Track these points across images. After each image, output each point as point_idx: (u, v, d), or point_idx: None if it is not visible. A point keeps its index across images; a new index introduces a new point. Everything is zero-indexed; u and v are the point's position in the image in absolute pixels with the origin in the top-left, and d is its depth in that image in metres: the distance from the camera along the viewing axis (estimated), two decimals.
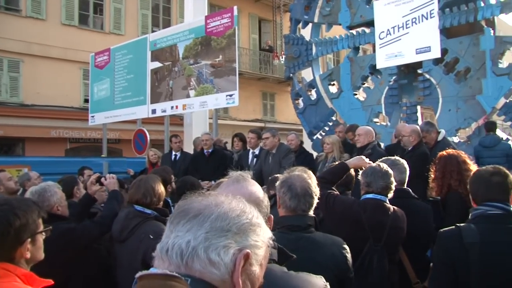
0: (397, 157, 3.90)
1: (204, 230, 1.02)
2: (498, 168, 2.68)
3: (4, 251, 1.97)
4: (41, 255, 2.15)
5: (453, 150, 4.16)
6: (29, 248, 2.05)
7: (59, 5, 16.97)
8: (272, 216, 1.83)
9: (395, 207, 3.31)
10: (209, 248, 1.00)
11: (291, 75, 11.97)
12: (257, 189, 1.88)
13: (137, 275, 1.05)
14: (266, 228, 1.13)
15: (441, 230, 2.59)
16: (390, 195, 3.33)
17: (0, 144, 15.54)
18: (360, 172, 3.50)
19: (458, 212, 3.72)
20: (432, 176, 4.12)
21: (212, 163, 7.66)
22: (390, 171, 3.36)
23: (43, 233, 2.18)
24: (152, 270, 1.03)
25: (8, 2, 16.15)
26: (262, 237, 1.10)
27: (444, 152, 4.18)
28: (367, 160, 3.74)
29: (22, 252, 2.02)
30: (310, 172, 2.76)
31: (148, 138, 10.15)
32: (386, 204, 3.28)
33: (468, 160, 4.07)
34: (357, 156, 3.97)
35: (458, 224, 2.53)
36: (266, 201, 1.86)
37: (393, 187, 3.34)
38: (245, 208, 1.11)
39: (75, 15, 17.45)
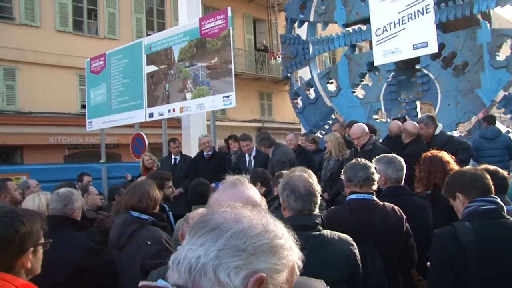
0: (394, 155, 3.86)
1: (217, 246, 0.95)
2: (475, 168, 2.77)
3: (6, 259, 1.94)
4: (39, 269, 2.10)
5: (437, 151, 4.14)
6: (30, 258, 2.01)
7: (52, 12, 16.90)
8: None
9: (385, 203, 3.25)
10: (219, 267, 0.93)
11: (288, 74, 11.93)
12: (254, 193, 1.86)
13: (140, 284, 1.01)
14: (292, 250, 1.04)
15: (437, 230, 2.58)
16: (375, 187, 3.29)
17: None
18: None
19: (446, 205, 3.75)
20: (417, 175, 4.13)
21: (212, 166, 7.63)
22: (369, 164, 3.32)
23: (42, 246, 2.13)
24: (158, 282, 0.99)
25: (1, 11, 16.07)
26: (286, 260, 1.01)
27: (428, 153, 4.20)
28: None
29: (24, 261, 1.98)
30: (310, 171, 2.73)
31: (146, 142, 10.09)
32: (372, 201, 3.23)
33: (451, 161, 4.10)
34: None
35: (453, 223, 2.52)
36: (263, 205, 1.83)
37: (375, 178, 3.28)
38: (268, 227, 1.01)
39: (69, 21, 17.38)
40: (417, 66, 9.27)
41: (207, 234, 0.98)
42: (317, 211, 2.52)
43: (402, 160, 3.80)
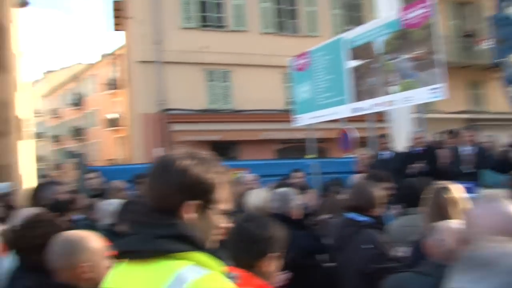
0: None
1: (498, 280, 0.95)
2: None
3: (253, 254, 2.10)
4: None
5: None
6: (267, 264, 2.12)
7: (257, 16, 18.39)
8: None
9: None
10: None
11: (500, 60, 10.96)
12: None
13: None
14: None
15: None
16: None
17: (217, 148, 17.30)
18: None
19: None
20: None
21: (425, 161, 7.54)
22: None
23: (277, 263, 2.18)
24: None
25: (217, 21, 18.19)
26: None
27: None
28: None
29: (262, 263, 2.10)
30: None
31: (354, 137, 10.23)
32: None
33: None
34: None
35: None
36: None
37: None
38: None
39: (272, 23, 18.65)
40: None
41: (482, 269, 0.99)
42: None
43: None
